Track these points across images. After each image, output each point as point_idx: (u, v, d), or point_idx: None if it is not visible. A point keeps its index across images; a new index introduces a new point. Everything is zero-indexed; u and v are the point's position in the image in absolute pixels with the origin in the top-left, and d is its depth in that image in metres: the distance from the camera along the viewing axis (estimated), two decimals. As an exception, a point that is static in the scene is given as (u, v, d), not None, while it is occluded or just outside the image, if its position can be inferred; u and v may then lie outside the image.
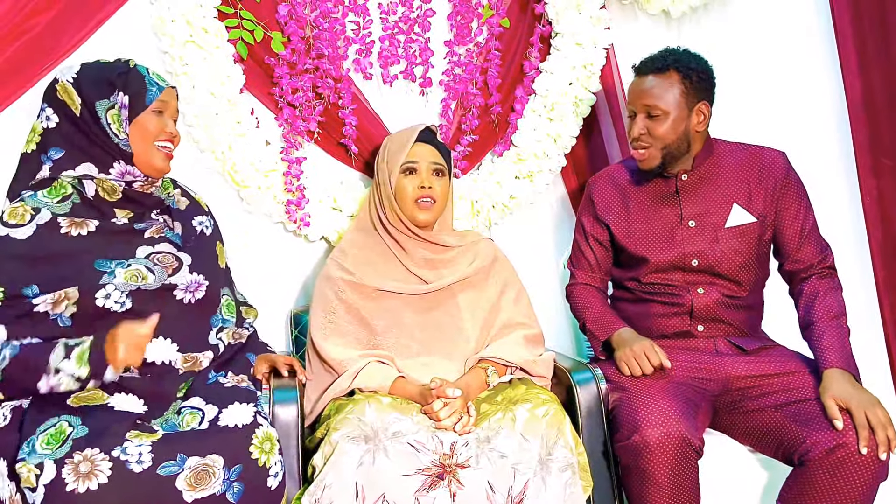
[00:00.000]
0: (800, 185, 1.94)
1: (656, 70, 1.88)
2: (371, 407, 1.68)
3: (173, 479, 1.41)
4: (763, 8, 2.46)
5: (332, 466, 1.58)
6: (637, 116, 1.91)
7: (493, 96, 2.37)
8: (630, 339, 1.88)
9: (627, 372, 1.82)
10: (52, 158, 1.65)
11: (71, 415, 1.50)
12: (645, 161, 1.92)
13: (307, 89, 2.20)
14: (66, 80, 1.65)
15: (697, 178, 1.94)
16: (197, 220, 1.83)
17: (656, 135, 1.88)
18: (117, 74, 1.65)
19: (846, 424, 1.61)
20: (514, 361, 1.89)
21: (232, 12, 2.13)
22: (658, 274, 1.96)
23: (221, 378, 1.67)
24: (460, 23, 2.34)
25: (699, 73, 1.87)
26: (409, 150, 2.00)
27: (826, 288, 1.88)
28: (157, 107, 1.68)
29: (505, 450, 1.64)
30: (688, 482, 1.66)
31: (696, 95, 1.88)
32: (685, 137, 1.90)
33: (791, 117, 2.40)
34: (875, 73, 2.26)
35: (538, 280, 2.33)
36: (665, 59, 1.88)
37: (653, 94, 1.87)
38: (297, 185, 2.22)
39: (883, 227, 2.29)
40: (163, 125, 1.69)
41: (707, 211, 1.93)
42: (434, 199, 2.00)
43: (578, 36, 2.35)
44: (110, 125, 1.64)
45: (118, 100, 1.64)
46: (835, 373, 1.72)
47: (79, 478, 1.37)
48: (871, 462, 1.58)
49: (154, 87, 1.68)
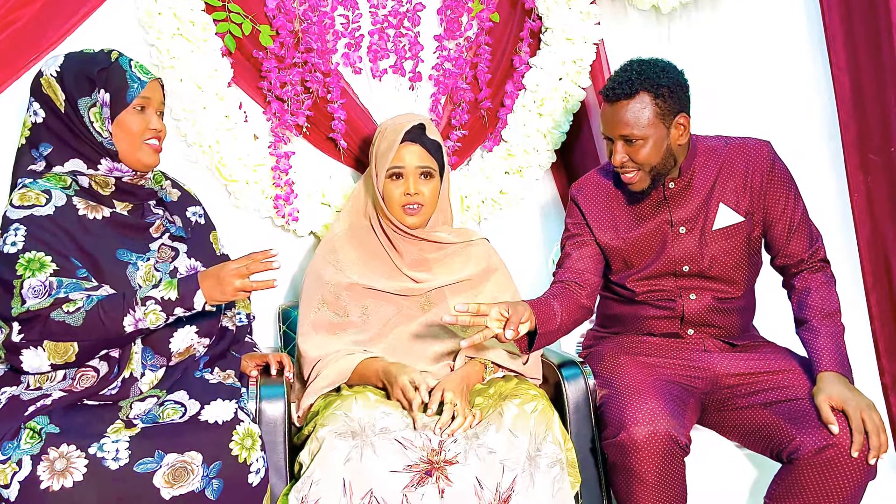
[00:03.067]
0: (786, 175, 1.89)
1: (625, 95, 1.77)
2: (358, 403, 1.67)
3: (150, 476, 1.41)
4: (752, 4, 2.46)
5: (320, 462, 1.58)
6: (616, 143, 1.82)
7: (482, 91, 2.36)
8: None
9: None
10: (43, 154, 1.64)
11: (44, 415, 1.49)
12: (636, 184, 1.85)
13: (296, 83, 2.18)
14: (50, 74, 1.63)
15: (685, 183, 1.90)
16: (191, 210, 1.83)
17: (639, 160, 1.80)
18: (98, 70, 1.61)
19: (839, 426, 1.60)
20: (512, 368, 1.88)
21: (220, 5, 2.11)
22: (648, 281, 1.92)
23: (207, 374, 1.67)
24: (450, 17, 2.33)
25: (670, 87, 1.78)
26: (395, 153, 1.93)
27: (818, 283, 1.85)
28: (139, 103, 1.63)
29: (493, 446, 1.64)
30: (675, 480, 1.66)
31: (671, 110, 1.79)
32: (669, 154, 1.82)
33: (780, 114, 2.40)
34: (864, 70, 2.27)
35: (527, 275, 2.33)
36: (631, 81, 1.77)
37: (627, 122, 1.78)
38: (285, 179, 2.21)
39: (871, 223, 2.29)
40: (146, 122, 1.65)
41: (696, 215, 1.89)
42: (422, 204, 1.95)
43: (568, 31, 2.34)
44: (93, 123, 1.61)
45: (99, 98, 1.60)
46: (829, 376, 1.69)
47: (54, 475, 1.36)
48: (861, 462, 1.58)
49: (136, 84, 1.63)
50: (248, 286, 1.53)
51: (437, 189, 1.98)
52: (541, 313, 1.73)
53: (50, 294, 1.48)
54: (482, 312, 1.61)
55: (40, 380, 1.55)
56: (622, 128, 1.78)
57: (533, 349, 1.77)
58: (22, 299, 1.48)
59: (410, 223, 1.96)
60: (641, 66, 1.79)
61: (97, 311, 1.48)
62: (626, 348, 1.94)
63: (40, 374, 1.54)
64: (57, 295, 1.49)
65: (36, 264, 1.50)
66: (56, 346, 1.48)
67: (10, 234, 1.52)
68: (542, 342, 1.76)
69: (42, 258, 1.51)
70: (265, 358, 1.82)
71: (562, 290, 1.89)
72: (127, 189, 1.68)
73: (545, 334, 1.74)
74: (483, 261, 2.04)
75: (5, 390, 1.55)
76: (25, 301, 1.48)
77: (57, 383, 1.55)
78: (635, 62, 1.81)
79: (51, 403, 1.51)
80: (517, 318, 1.63)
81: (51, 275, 1.50)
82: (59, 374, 1.56)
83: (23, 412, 1.49)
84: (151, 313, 1.51)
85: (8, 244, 1.52)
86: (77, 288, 1.51)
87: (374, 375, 1.79)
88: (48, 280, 1.49)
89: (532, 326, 1.69)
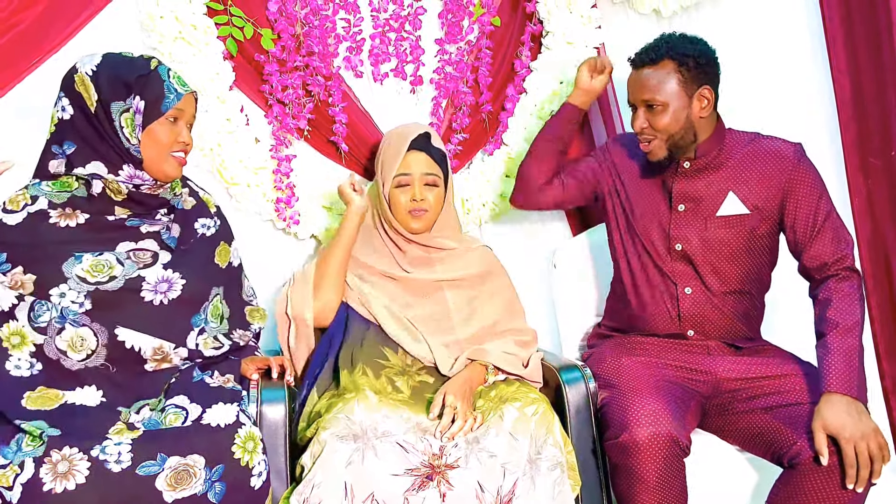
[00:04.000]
0: (813, 176, 1.86)
1: (650, 61, 1.83)
2: (360, 406, 1.68)
3: (153, 480, 1.41)
4: (753, 7, 2.46)
5: (321, 465, 1.58)
6: (638, 110, 1.87)
7: (483, 95, 2.37)
8: None
9: None
10: (66, 153, 1.63)
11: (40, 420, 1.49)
12: (651, 153, 1.88)
13: (297, 87, 2.19)
14: (86, 73, 1.61)
15: (700, 166, 1.89)
16: (200, 222, 1.78)
17: (658, 127, 1.83)
18: (136, 77, 1.60)
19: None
20: (514, 372, 1.90)
21: (221, 9, 2.12)
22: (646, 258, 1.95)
23: (207, 378, 1.66)
24: (451, 21, 2.33)
25: (696, 58, 1.81)
26: (402, 160, 1.98)
27: (842, 294, 1.74)
28: (172, 114, 1.63)
29: (494, 449, 1.64)
30: (676, 482, 1.66)
31: (695, 82, 1.82)
32: (689, 126, 1.84)
33: (780, 116, 2.40)
34: (864, 72, 2.26)
35: (527, 279, 2.33)
36: (658, 48, 1.83)
37: (649, 87, 1.82)
38: (286, 182, 2.21)
39: (871, 226, 2.29)
40: (176, 134, 1.65)
41: (702, 198, 1.89)
42: (427, 210, 2.00)
43: (569, 35, 2.35)
44: (123, 129, 1.61)
45: (133, 104, 1.60)
46: (832, 398, 1.61)
47: (56, 477, 1.36)
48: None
49: (172, 95, 1.63)
50: None
51: (441, 197, 2.02)
52: None
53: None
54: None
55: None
56: (644, 91, 1.83)
57: None
58: None
59: (415, 227, 2.00)
60: (672, 37, 1.86)
61: None
62: (629, 349, 1.94)
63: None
64: None
65: None
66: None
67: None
68: None
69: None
70: (266, 361, 1.81)
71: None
72: (139, 199, 1.68)
73: None
74: (483, 265, 2.07)
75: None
76: None
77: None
78: (667, 34, 1.88)
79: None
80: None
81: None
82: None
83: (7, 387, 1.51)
84: None
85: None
86: None
87: (335, 244, 1.95)
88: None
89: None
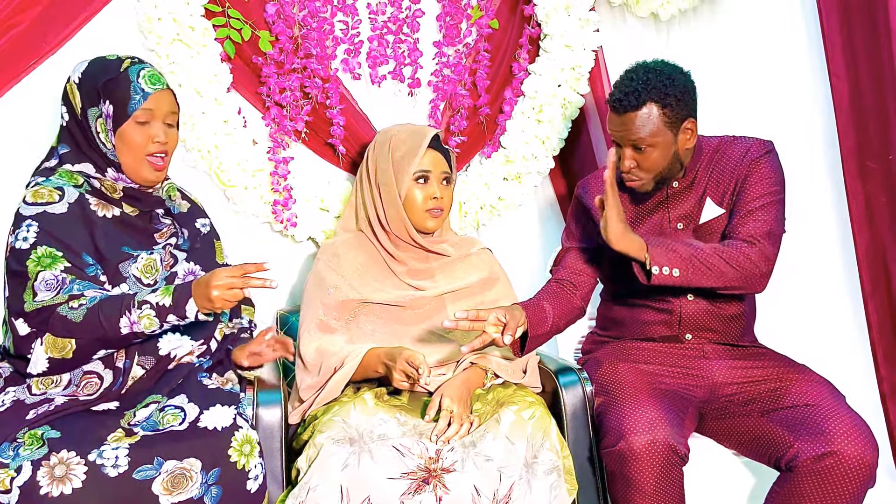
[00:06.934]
0: (770, 170, 1.83)
1: (632, 108, 1.76)
2: (356, 409, 1.68)
3: (149, 483, 1.41)
4: (751, 11, 2.46)
5: (317, 468, 1.57)
6: (623, 149, 1.81)
7: (481, 97, 2.36)
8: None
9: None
10: (59, 153, 1.67)
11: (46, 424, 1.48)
12: (640, 188, 1.86)
13: (295, 89, 2.19)
14: (74, 81, 1.65)
15: (688, 182, 1.90)
16: (200, 222, 1.84)
17: (646, 167, 1.81)
18: (105, 81, 1.61)
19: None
20: (514, 380, 1.88)
21: (219, 11, 2.11)
22: None
23: (206, 380, 1.66)
24: (449, 23, 2.33)
25: (676, 95, 1.77)
26: (422, 157, 1.95)
27: (731, 247, 1.73)
28: (141, 116, 1.62)
29: (491, 453, 1.64)
30: (673, 489, 1.66)
31: (679, 117, 1.79)
32: (676, 159, 1.83)
33: (778, 120, 2.41)
34: (862, 77, 2.27)
35: (525, 282, 2.33)
36: (638, 93, 1.76)
37: (634, 130, 1.77)
38: (283, 185, 2.21)
39: (869, 231, 2.29)
40: (149, 135, 1.64)
41: (691, 211, 1.90)
42: (443, 209, 1.99)
43: (567, 38, 2.34)
44: (98, 134, 1.63)
45: (104, 109, 1.62)
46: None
47: (53, 481, 1.36)
48: (859, 470, 1.57)
49: (138, 95, 1.61)
50: (234, 297, 1.52)
51: (452, 196, 2.02)
52: (532, 316, 1.77)
53: (62, 290, 1.50)
54: (480, 318, 1.65)
55: (45, 383, 1.55)
56: (630, 134, 1.79)
57: (525, 352, 1.79)
58: (34, 292, 1.50)
59: (431, 226, 1.98)
60: (647, 74, 1.77)
61: (97, 310, 1.49)
62: (625, 355, 1.94)
63: (44, 377, 1.55)
64: (70, 291, 1.51)
65: (47, 259, 1.52)
66: (55, 340, 1.49)
67: (23, 230, 1.55)
68: (532, 345, 1.79)
69: (54, 253, 1.53)
70: (256, 342, 1.73)
71: (556, 291, 1.93)
72: (136, 196, 1.69)
73: (536, 337, 1.78)
74: (485, 270, 2.05)
75: (9, 391, 1.56)
76: (37, 294, 1.50)
77: (62, 389, 1.56)
78: (640, 69, 1.80)
79: (53, 409, 1.51)
80: (514, 323, 1.69)
81: (62, 270, 1.52)
82: (65, 379, 1.56)
83: (24, 415, 1.49)
84: (146, 317, 1.51)
85: (20, 240, 1.54)
86: (89, 287, 1.53)
87: (376, 360, 1.78)
88: (60, 275, 1.51)
89: (525, 329, 1.74)
